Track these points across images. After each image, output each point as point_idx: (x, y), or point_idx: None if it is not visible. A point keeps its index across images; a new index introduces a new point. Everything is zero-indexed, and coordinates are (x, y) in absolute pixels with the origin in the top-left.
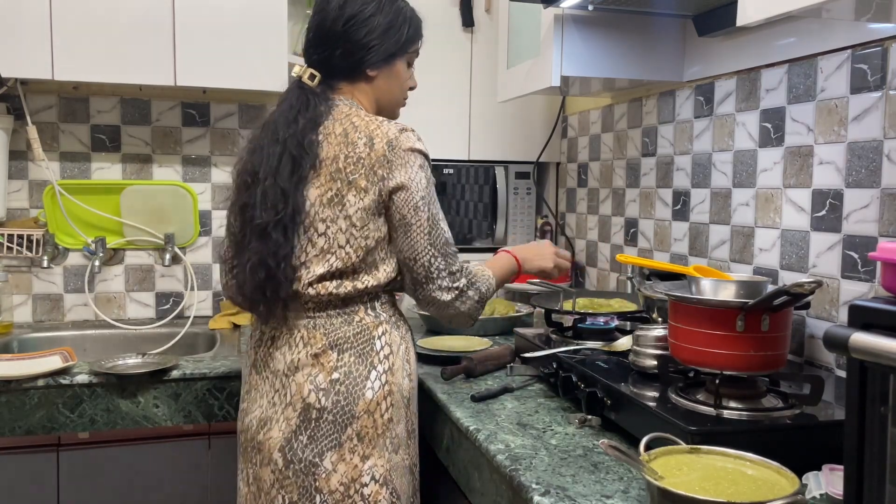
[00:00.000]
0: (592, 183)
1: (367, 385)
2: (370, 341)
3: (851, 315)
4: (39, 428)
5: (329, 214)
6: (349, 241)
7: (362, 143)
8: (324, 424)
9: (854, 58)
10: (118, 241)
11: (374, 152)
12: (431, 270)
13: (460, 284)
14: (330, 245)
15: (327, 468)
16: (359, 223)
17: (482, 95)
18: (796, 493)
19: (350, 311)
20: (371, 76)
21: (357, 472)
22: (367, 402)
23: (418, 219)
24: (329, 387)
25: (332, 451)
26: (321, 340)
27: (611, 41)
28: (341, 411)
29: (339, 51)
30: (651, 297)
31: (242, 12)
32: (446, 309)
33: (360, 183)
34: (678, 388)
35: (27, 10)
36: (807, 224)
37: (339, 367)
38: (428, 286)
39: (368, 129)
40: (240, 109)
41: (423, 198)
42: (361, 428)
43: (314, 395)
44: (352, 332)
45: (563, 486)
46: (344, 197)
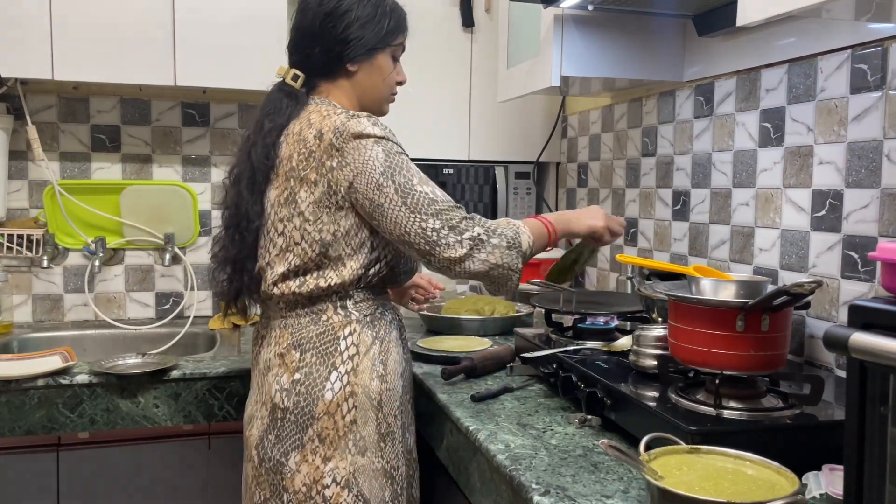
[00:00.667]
0: (592, 183)
1: (327, 386)
2: (334, 341)
3: (851, 315)
4: (39, 428)
5: (285, 213)
6: (304, 237)
7: (312, 136)
8: (287, 425)
9: (854, 58)
10: (118, 241)
11: (322, 143)
12: (429, 234)
13: (473, 234)
14: (287, 243)
15: (292, 468)
16: (311, 217)
17: (482, 95)
18: (796, 493)
19: (318, 311)
20: (351, 71)
21: (319, 474)
22: (327, 404)
23: (384, 195)
24: (291, 387)
25: (296, 452)
26: (287, 340)
27: (611, 41)
28: (301, 412)
29: (317, 48)
30: (651, 297)
31: (242, 12)
32: (471, 264)
33: (310, 177)
34: (678, 388)
35: (27, 10)
36: (807, 224)
37: (300, 368)
38: (435, 251)
39: (320, 124)
40: (240, 109)
41: (383, 173)
42: (322, 429)
43: (279, 395)
44: (315, 332)
45: (563, 486)
46: (296, 194)
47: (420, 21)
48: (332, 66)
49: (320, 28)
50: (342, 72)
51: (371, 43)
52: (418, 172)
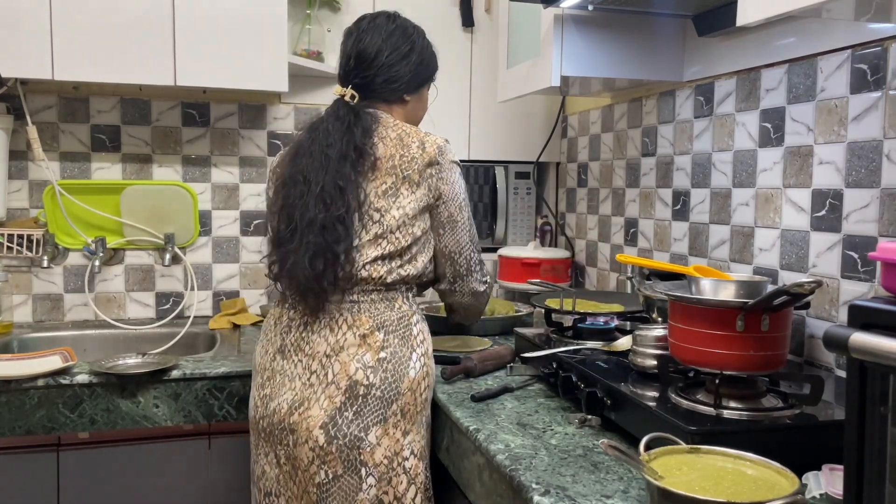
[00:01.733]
0: (592, 183)
1: (411, 364)
2: (409, 326)
3: (851, 315)
4: (39, 428)
5: (383, 205)
6: (400, 228)
7: (415, 146)
8: (371, 400)
9: (854, 58)
10: (118, 241)
11: (426, 153)
12: (472, 264)
13: (488, 279)
14: (383, 231)
15: (372, 442)
16: (411, 212)
17: (482, 95)
18: (796, 493)
19: (391, 298)
20: (406, 101)
21: (399, 447)
22: (411, 381)
23: (462, 217)
24: (377, 364)
25: (378, 426)
26: (367, 322)
27: (611, 41)
28: (388, 388)
29: (380, 78)
30: (651, 297)
31: (242, 12)
32: (480, 298)
33: (413, 178)
34: (678, 388)
35: (27, 10)
36: (807, 224)
37: (385, 347)
38: (468, 277)
39: (419, 136)
40: (240, 109)
41: (465, 200)
42: (405, 404)
43: (361, 372)
44: (395, 317)
45: (563, 485)
46: (398, 189)
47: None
48: (391, 95)
49: (385, 61)
50: (398, 100)
51: (421, 80)
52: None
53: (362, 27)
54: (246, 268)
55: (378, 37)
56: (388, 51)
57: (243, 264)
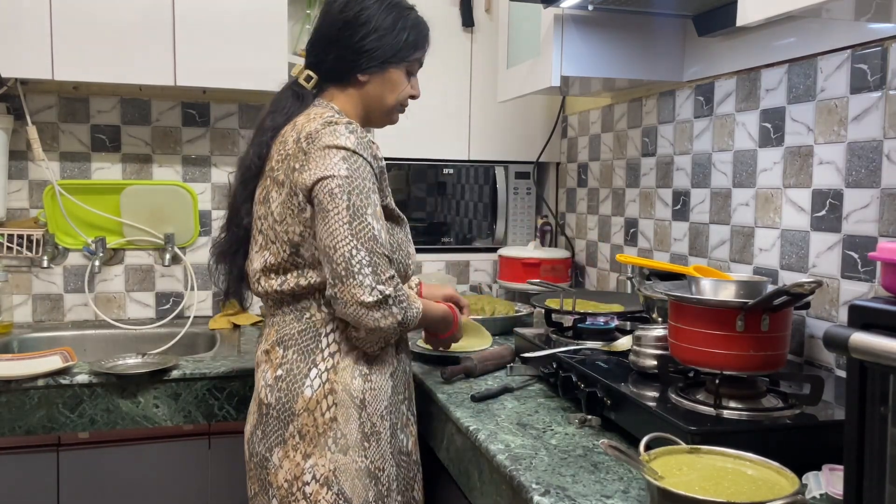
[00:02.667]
0: (592, 183)
1: (307, 383)
2: (315, 338)
3: (851, 315)
4: (39, 428)
5: (262, 212)
6: (277, 237)
7: (292, 140)
8: (271, 420)
9: (854, 58)
10: (118, 241)
11: (297, 145)
12: (353, 263)
13: (386, 291)
14: (265, 241)
15: (275, 464)
16: (279, 218)
17: (482, 95)
18: (796, 493)
19: (301, 308)
20: (361, 81)
21: (299, 470)
22: (307, 400)
23: (335, 205)
24: (274, 383)
25: (279, 448)
26: (273, 337)
27: (611, 41)
28: (283, 408)
29: (332, 54)
30: (651, 297)
31: (242, 12)
32: (365, 314)
33: (279, 178)
34: (678, 388)
35: (27, 10)
36: (807, 224)
37: (282, 364)
38: (348, 281)
39: (302, 127)
40: (240, 109)
41: (341, 185)
42: (302, 426)
43: (264, 391)
44: (297, 329)
45: (563, 486)
46: (269, 193)
47: None
48: (343, 74)
49: (337, 34)
50: (352, 80)
51: (385, 56)
52: (375, 205)
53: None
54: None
55: (337, 8)
56: (342, 22)
57: None
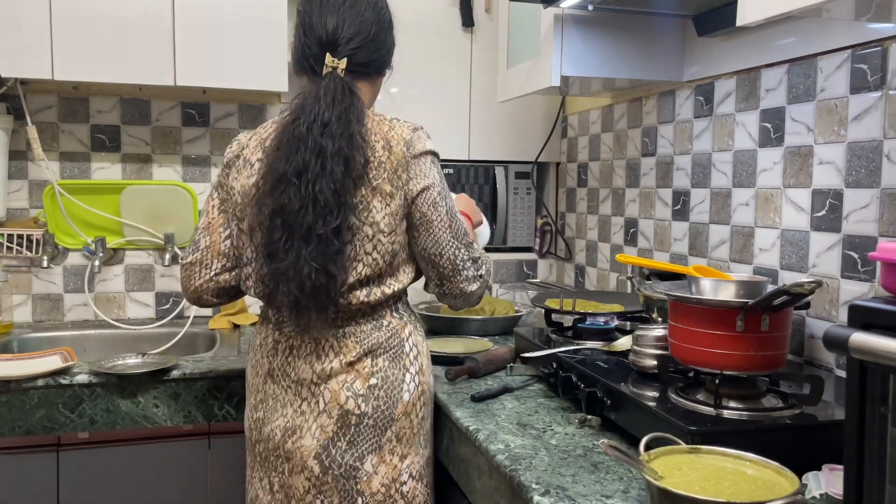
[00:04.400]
0: (592, 183)
1: (404, 388)
2: (400, 345)
3: (851, 315)
4: (39, 428)
5: (355, 222)
6: (376, 248)
7: (380, 146)
8: (364, 429)
9: (854, 58)
10: (118, 241)
11: (393, 156)
12: (457, 263)
13: (482, 272)
14: (356, 253)
15: (368, 471)
16: (387, 229)
17: (482, 95)
18: (796, 493)
19: (378, 317)
20: (379, 78)
21: (397, 472)
22: (405, 405)
23: (438, 214)
24: (368, 392)
25: (373, 455)
26: (354, 349)
27: (611, 41)
28: (381, 415)
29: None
30: (651, 297)
31: (242, 12)
32: (470, 298)
33: (384, 188)
34: (678, 388)
35: (27, 10)
36: (807, 224)
37: (375, 373)
38: (455, 278)
39: (382, 131)
40: (240, 109)
41: (440, 192)
42: (400, 430)
43: (353, 401)
44: (384, 338)
45: (563, 486)
46: (369, 203)
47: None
48: (375, 71)
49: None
50: (377, 77)
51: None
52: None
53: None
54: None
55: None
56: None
57: None
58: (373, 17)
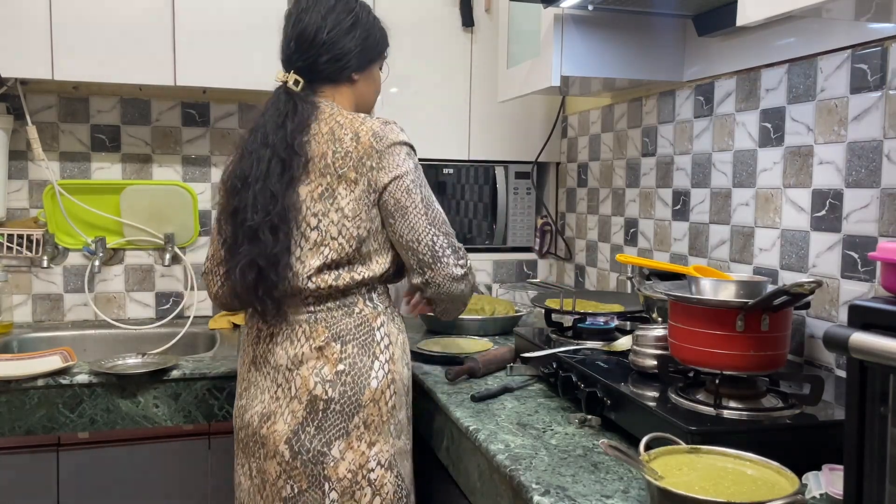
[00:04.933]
0: (592, 183)
1: (372, 375)
2: (370, 332)
3: (851, 315)
4: (39, 428)
5: (320, 208)
6: (341, 233)
7: (348, 138)
8: (331, 415)
9: (854, 58)
10: (118, 241)
11: (360, 145)
12: (436, 249)
13: (465, 263)
14: (323, 237)
15: (335, 457)
16: (351, 214)
17: (482, 95)
18: (796, 493)
19: (349, 304)
20: (355, 80)
21: (364, 459)
22: (373, 392)
23: (412, 201)
24: (335, 378)
25: (340, 440)
26: (323, 333)
27: (611, 41)
28: (348, 401)
29: (324, 57)
30: (651, 297)
31: (242, 12)
32: (455, 287)
33: (349, 175)
34: (678, 388)
35: (27, 10)
36: (807, 224)
37: (343, 359)
38: (436, 265)
39: (353, 126)
40: (240, 109)
41: (413, 181)
42: (368, 416)
43: (320, 386)
44: (353, 324)
45: (563, 486)
46: (335, 190)
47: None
48: (337, 75)
49: (327, 38)
50: (345, 80)
51: (370, 56)
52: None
53: (301, 6)
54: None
55: (318, 14)
56: (330, 26)
57: None
58: (327, 24)
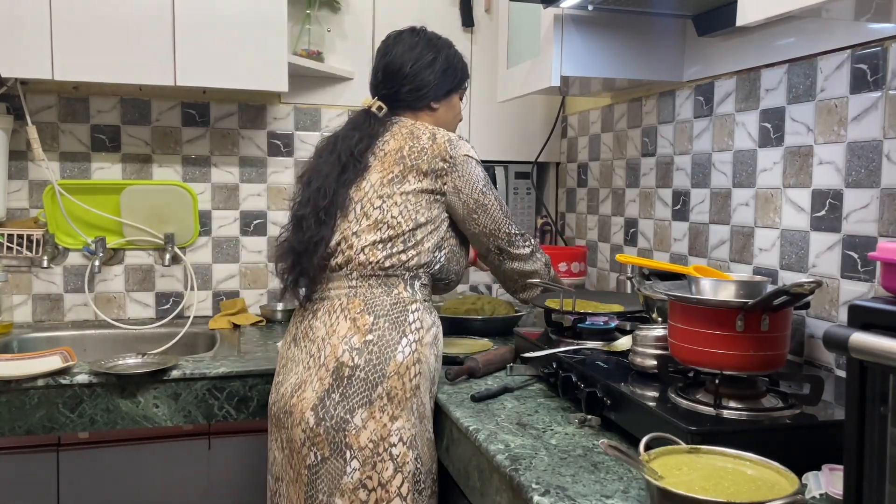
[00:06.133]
0: (592, 183)
1: (399, 349)
2: (404, 313)
3: (851, 315)
4: (39, 428)
5: (387, 191)
6: (401, 213)
7: (426, 137)
8: (356, 382)
9: (854, 58)
10: (118, 241)
11: (436, 144)
12: (512, 234)
13: (531, 243)
14: (383, 216)
15: (357, 425)
16: (413, 198)
17: (482, 95)
18: (796, 493)
19: (391, 285)
20: (434, 108)
21: (386, 431)
22: (398, 364)
23: (488, 199)
24: (363, 346)
25: (363, 409)
26: (359, 306)
27: (611, 41)
28: (373, 370)
29: (406, 87)
30: (651, 297)
31: (242, 12)
32: (529, 260)
33: (422, 167)
34: (678, 388)
35: (27, 10)
36: (806, 224)
37: (373, 330)
38: (512, 246)
39: (431, 130)
40: (240, 109)
41: (485, 185)
42: (391, 388)
43: (347, 354)
44: (389, 303)
45: (563, 486)
46: (405, 177)
47: (420, 21)
48: (417, 103)
49: (410, 71)
50: (425, 107)
51: (449, 87)
52: None
53: (389, 42)
54: (246, 268)
55: (402, 48)
56: (413, 61)
57: (243, 264)
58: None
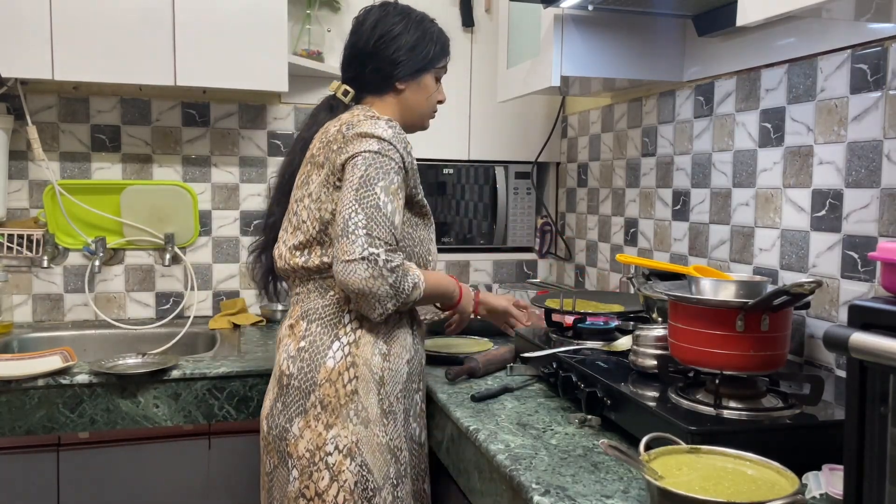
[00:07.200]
0: (592, 183)
1: (329, 354)
2: (339, 313)
3: (851, 315)
4: (39, 428)
5: (299, 195)
6: (309, 216)
7: (334, 129)
8: (292, 391)
9: (854, 58)
10: (118, 241)
11: (337, 133)
12: (349, 224)
13: (377, 252)
14: (298, 221)
15: (295, 434)
16: (316, 196)
17: (482, 95)
18: (796, 493)
19: (325, 287)
20: (400, 89)
21: (321, 440)
22: (328, 371)
23: (352, 175)
24: (297, 354)
25: (300, 417)
26: (297, 312)
27: (611, 41)
28: (305, 378)
29: (369, 67)
30: (651, 297)
31: (242, 12)
32: (353, 269)
33: (319, 161)
34: (678, 388)
35: (27, 10)
36: (807, 224)
37: (305, 336)
38: (342, 240)
39: (344, 119)
40: (240, 109)
41: (364, 158)
42: (324, 396)
43: (286, 362)
44: (321, 304)
45: (563, 486)
46: (310, 176)
47: None
48: (382, 84)
49: (373, 49)
50: (390, 89)
51: (418, 65)
52: (393, 183)
53: (359, 18)
54: (246, 268)
55: (369, 24)
56: (376, 37)
57: (243, 264)
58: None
